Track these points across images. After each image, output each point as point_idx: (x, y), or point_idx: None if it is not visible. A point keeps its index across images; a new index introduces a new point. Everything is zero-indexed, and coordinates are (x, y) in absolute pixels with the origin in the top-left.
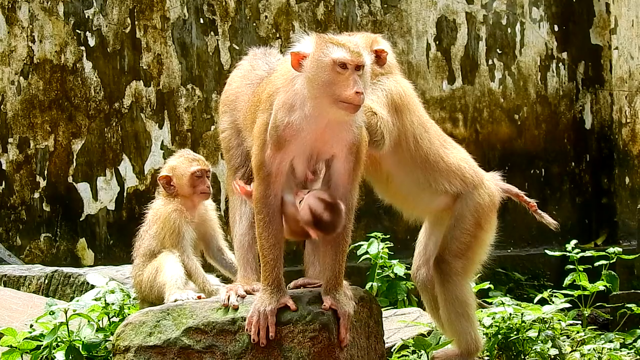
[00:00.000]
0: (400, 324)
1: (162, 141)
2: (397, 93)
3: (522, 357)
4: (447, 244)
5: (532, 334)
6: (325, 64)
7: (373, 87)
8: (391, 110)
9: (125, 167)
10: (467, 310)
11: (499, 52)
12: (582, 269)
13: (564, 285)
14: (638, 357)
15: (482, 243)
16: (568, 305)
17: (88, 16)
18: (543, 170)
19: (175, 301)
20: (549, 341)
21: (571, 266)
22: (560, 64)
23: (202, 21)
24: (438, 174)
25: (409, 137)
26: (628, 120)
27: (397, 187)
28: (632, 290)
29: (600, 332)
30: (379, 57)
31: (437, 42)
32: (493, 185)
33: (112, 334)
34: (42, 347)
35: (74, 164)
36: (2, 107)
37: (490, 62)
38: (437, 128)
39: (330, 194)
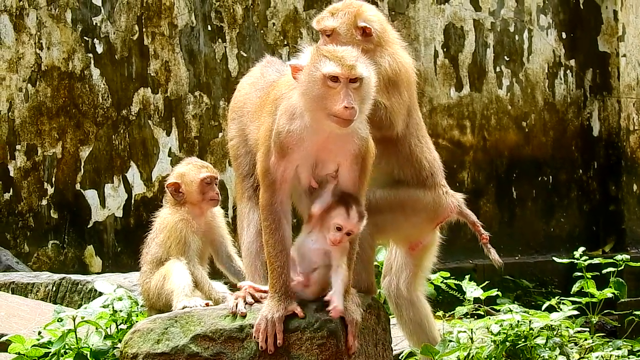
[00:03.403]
0: None
1: (170, 148)
2: (392, 71)
3: None
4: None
5: (540, 341)
6: (317, 78)
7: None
8: (390, 89)
9: (133, 174)
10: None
11: (507, 59)
12: (589, 276)
13: (571, 293)
14: None
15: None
16: (576, 312)
17: (96, 23)
18: (551, 177)
19: (183, 308)
20: (557, 348)
21: (579, 273)
22: (568, 71)
23: (209, 28)
24: (394, 157)
25: (387, 114)
26: (636, 128)
27: None
28: None
29: (608, 340)
30: (365, 33)
31: (445, 49)
32: (449, 200)
33: (120, 341)
34: (50, 354)
35: (82, 171)
36: (10, 114)
37: (497, 69)
38: (420, 120)
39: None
